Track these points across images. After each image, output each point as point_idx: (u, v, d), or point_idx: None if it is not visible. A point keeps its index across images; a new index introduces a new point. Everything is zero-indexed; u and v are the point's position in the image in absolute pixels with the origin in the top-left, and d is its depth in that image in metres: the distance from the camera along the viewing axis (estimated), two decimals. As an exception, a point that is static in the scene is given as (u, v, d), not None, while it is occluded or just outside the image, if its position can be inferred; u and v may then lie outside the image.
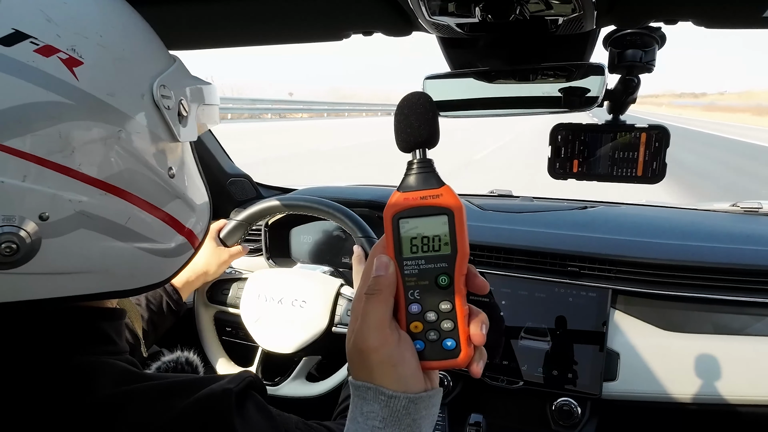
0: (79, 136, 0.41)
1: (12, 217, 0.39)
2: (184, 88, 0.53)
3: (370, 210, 1.31)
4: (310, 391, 1.08)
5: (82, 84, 0.41)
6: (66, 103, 0.40)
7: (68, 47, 0.41)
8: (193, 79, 0.57)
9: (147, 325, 0.94)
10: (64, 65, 0.40)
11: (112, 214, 0.45)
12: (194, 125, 0.55)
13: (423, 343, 0.43)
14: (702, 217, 1.27)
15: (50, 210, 0.40)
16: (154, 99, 0.48)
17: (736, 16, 0.57)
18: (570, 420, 1.01)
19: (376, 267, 0.43)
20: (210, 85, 0.60)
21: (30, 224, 0.39)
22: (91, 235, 0.44)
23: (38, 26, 0.40)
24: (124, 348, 0.53)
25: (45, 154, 0.39)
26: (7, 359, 0.46)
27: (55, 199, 0.41)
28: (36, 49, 0.39)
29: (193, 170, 0.58)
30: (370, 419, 0.41)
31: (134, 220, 0.47)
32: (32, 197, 0.39)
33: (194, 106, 0.55)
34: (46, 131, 0.39)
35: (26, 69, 0.38)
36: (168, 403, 0.45)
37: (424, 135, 0.42)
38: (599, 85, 0.69)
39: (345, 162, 9.50)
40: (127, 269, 0.48)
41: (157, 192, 0.49)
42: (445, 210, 0.42)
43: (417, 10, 0.58)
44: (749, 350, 0.97)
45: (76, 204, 0.42)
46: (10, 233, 0.38)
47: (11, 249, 0.38)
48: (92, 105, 0.42)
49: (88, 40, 0.42)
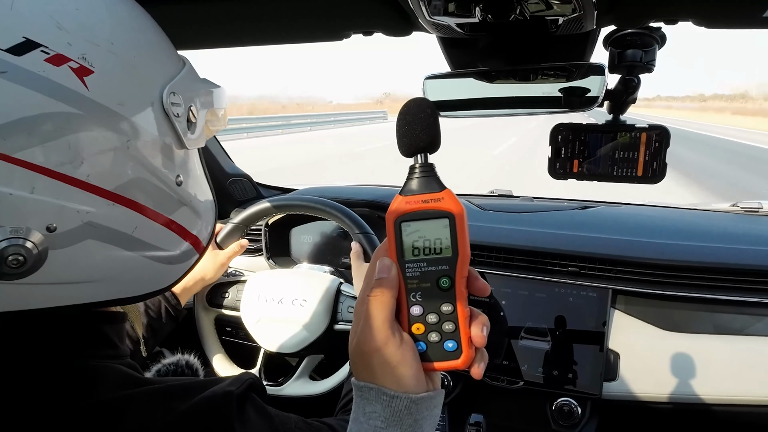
0: (88, 146, 0.41)
1: (19, 229, 0.38)
2: (193, 93, 0.52)
3: (370, 210, 1.31)
4: (313, 390, 1.08)
5: (92, 93, 0.41)
6: (76, 114, 0.40)
7: (79, 56, 0.40)
8: (203, 82, 0.56)
9: (146, 331, 0.94)
10: (75, 74, 0.40)
11: (119, 223, 0.44)
12: (203, 131, 0.55)
13: (425, 345, 0.44)
14: (702, 217, 1.27)
15: (58, 221, 0.40)
16: (164, 107, 0.47)
17: (736, 16, 0.57)
18: (570, 420, 1.01)
19: (378, 269, 0.44)
20: (219, 88, 0.59)
21: (37, 236, 0.39)
22: (98, 245, 0.43)
23: (49, 34, 0.39)
24: (125, 352, 0.53)
25: (54, 165, 0.39)
26: (10, 361, 0.46)
27: (62, 211, 0.40)
28: (47, 58, 0.38)
29: (200, 175, 0.57)
30: (372, 419, 0.41)
31: (141, 229, 0.46)
32: (40, 209, 0.39)
33: (203, 111, 0.55)
34: (55, 142, 0.39)
35: (36, 79, 0.38)
36: (169, 407, 0.45)
37: (426, 140, 0.43)
38: (599, 85, 0.69)
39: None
40: (133, 277, 0.48)
41: (165, 200, 0.49)
42: (446, 214, 0.42)
43: (417, 10, 0.58)
44: (749, 350, 0.97)
45: (83, 215, 0.41)
46: (18, 245, 0.38)
47: (18, 261, 0.38)
48: (102, 115, 0.42)
49: (99, 48, 0.42)
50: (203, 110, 0.55)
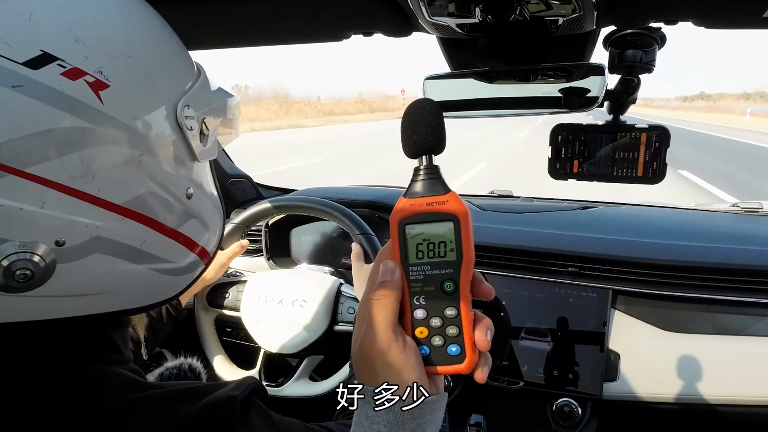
0: (100, 161, 0.40)
1: (28, 244, 0.38)
2: (207, 105, 0.51)
3: (370, 210, 1.31)
4: (313, 391, 1.07)
5: (107, 108, 0.40)
6: (90, 128, 0.39)
7: (95, 69, 0.39)
8: (217, 93, 0.55)
9: (147, 332, 0.94)
10: (90, 89, 0.39)
11: (128, 237, 0.44)
12: (215, 143, 0.54)
13: (428, 349, 0.43)
14: (702, 217, 1.27)
15: (67, 236, 0.39)
16: (178, 120, 0.46)
17: (736, 16, 0.57)
18: (570, 420, 1.01)
19: (382, 272, 0.43)
20: (233, 97, 0.58)
21: (46, 250, 0.38)
22: (106, 258, 0.43)
23: (67, 47, 0.38)
24: (129, 356, 0.53)
25: (65, 180, 0.38)
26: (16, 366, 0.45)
27: (72, 225, 0.39)
28: (63, 72, 0.38)
29: (210, 186, 0.56)
30: (375, 423, 0.41)
31: (149, 243, 0.46)
32: (50, 224, 0.38)
33: (216, 122, 0.54)
34: (67, 157, 0.38)
35: (52, 93, 0.37)
36: (173, 411, 0.45)
37: (431, 142, 0.42)
38: (599, 85, 0.69)
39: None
40: (139, 289, 0.48)
41: (174, 213, 0.48)
42: (451, 216, 0.42)
43: (417, 10, 0.58)
44: (750, 351, 0.97)
45: (92, 229, 0.41)
46: (26, 259, 0.37)
47: (25, 276, 0.38)
48: (115, 129, 0.41)
49: (115, 61, 0.41)
50: (216, 120, 0.54)
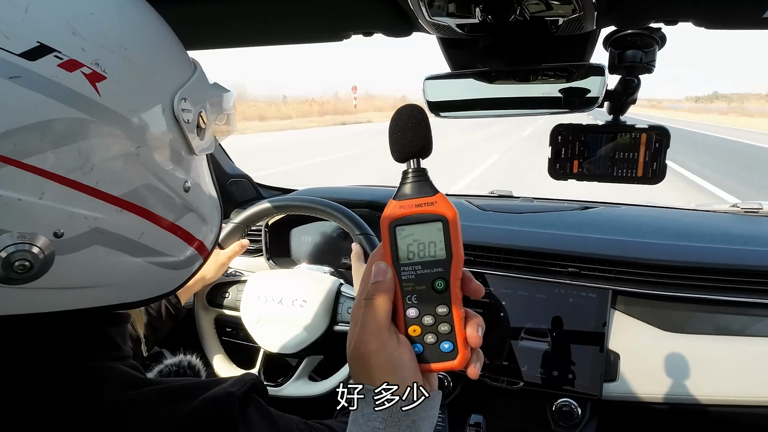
0: (98, 153, 0.40)
1: (26, 235, 0.38)
2: (204, 99, 0.52)
3: (370, 210, 1.31)
4: (312, 391, 1.07)
5: (104, 100, 0.40)
6: (87, 120, 0.39)
7: (92, 61, 0.40)
8: (213, 88, 0.56)
9: (146, 330, 0.94)
10: (87, 80, 0.39)
11: (126, 230, 0.44)
12: (212, 137, 0.55)
13: (421, 347, 0.44)
14: (702, 217, 1.27)
15: (65, 227, 0.40)
16: (174, 113, 0.47)
17: (736, 17, 0.57)
18: (570, 421, 1.01)
19: (374, 273, 0.44)
20: (229, 92, 0.59)
21: (44, 241, 0.39)
22: (104, 250, 0.43)
23: (63, 39, 0.39)
24: (128, 353, 0.53)
25: (64, 172, 0.39)
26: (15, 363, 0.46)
27: (70, 217, 0.40)
28: (60, 63, 0.38)
29: (207, 180, 0.57)
30: (370, 421, 0.42)
31: (147, 235, 0.46)
32: (48, 215, 0.39)
33: (212, 116, 0.54)
34: (65, 148, 0.38)
35: (49, 84, 0.37)
36: (172, 408, 0.45)
37: (418, 145, 0.44)
38: (599, 85, 0.69)
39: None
40: (137, 282, 0.48)
41: (172, 206, 0.49)
42: (439, 217, 0.43)
43: (417, 10, 0.58)
44: (750, 351, 0.97)
45: (91, 221, 0.41)
46: (25, 251, 0.38)
47: (24, 267, 0.38)
48: (113, 121, 0.41)
49: (112, 54, 0.41)
50: (213, 115, 0.54)
